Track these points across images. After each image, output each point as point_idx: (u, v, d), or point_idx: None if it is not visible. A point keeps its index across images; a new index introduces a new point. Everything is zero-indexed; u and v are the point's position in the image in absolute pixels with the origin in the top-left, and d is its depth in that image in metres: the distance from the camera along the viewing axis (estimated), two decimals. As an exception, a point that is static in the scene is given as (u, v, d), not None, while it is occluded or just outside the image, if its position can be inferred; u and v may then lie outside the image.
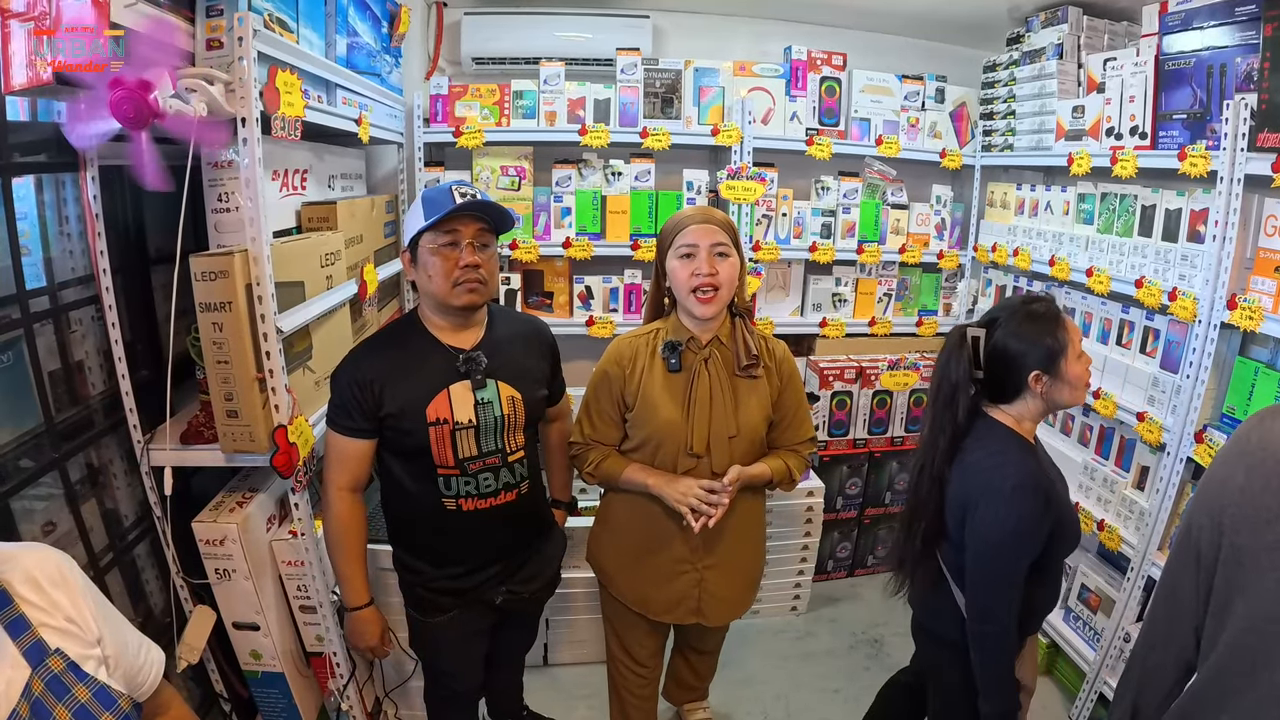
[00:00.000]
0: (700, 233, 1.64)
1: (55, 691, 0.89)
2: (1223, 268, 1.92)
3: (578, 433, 1.83)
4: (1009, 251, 2.84)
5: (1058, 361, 1.48)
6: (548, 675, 2.61)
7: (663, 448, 1.71)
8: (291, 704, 2.00)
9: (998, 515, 1.43)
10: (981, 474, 1.48)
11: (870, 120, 2.98)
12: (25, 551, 0.96)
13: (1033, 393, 1.50)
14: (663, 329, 1.76)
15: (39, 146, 1.52)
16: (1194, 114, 2.03)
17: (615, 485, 1.79)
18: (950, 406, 1.52)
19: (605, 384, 1.76)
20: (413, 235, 1.57)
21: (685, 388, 1.70)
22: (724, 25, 3.07)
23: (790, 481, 1.81)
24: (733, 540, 1.79)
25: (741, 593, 1.89)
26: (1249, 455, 1.01)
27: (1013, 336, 1.49)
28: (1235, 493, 1.00)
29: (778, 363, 1.78)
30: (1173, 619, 1.10)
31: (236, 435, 1.65)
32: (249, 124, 1.50)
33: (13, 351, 1.46)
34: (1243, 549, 0.98)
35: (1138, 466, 2.28)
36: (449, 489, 1.63)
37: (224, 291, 1.54)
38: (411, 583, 1.75)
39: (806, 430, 1.83)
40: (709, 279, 1.62)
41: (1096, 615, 2.39)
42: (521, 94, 2.74)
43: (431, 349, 1.62)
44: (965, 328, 1.54)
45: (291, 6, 1.77)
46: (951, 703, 1.67)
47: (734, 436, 1.70)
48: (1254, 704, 0.95)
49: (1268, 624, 0.94)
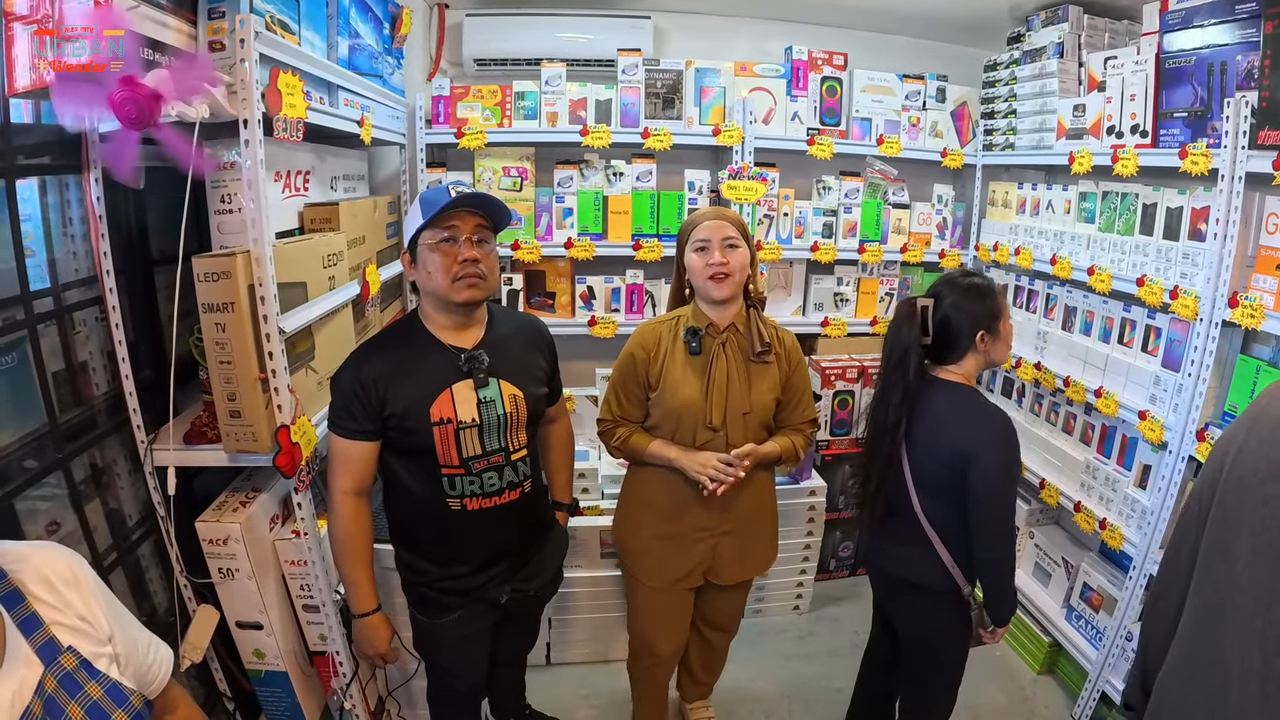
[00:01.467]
0: (712, 229, 1.82)
1: (68, 689, 0.90)
2: (1224, 266, 1.91)
3: (605, 411, 1.98)
4: (1010, 250, 2.84)
5: (997, 322, 1.74)
6: (550, 674, 2.61)
7: (683, 423, 1.86)
8: (295, 703, 2.01)
9: (999, 452, 1.64)
10: (971, 425, 1.68)
11: (871, 120, 2.98)
12: (37, 551, 0.97)
13: (977, 350, 1.75)
14: (684, 316, 1.91)
15: (43, 149, 1.53)
16: (1195, 112, 2.03)
17: (640, 459, 1.94)
18: (901, 367, 1.75)
19: (631, 366, 1.90)
20: (411, 235, 1.58)
21: (705, 369, 1.86)
22: (725, 25, 3.07)
23: (796, 458, 1.98)
24: (748, 511, 1.95)
25: (757, 556, 2.04)
26: (1253, 418, 1.01)
27: (962, 303, 1.74)
28: (1234, 450, 1.00)
29: (787, 350, 1.94)
30: (1177, 573, 1.10)
31: (239, 435, 1.65)
32: (251, 126, 1.50)
33: (17, 352, 1.47)
34: (1229, 508, 0.98)
35: (1140, 465, 2.27)
36: (453, 489, 1.63)
37: (226, 292, 1.55)
38: (416, 583, 1.74)
39: (810, 411, 2.00)
40: (720, 268, 1.79)
41: (1098, 614, 2.39)
42: (523, 95, 2.74)
43: (433, 348, 1.62)
44: (915, 299, 1.79)
45: (293, 9, 1.77)
46: (939, 645, 1.84)
47: (748, 413, 1.87)
48: (1217, 671, 0.95)
49: (1234, 591, 0.94)
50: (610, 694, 2.54)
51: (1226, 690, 0.93)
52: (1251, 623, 0.91)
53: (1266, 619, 0.90)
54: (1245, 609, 0.92)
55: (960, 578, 1.75)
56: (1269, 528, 0.91)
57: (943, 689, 1.89)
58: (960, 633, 1.81)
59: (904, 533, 1.79)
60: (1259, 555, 0.92)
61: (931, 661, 1.87)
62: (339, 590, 1.92)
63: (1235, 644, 0.93)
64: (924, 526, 1.75)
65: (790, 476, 2.90)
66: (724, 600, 2.12)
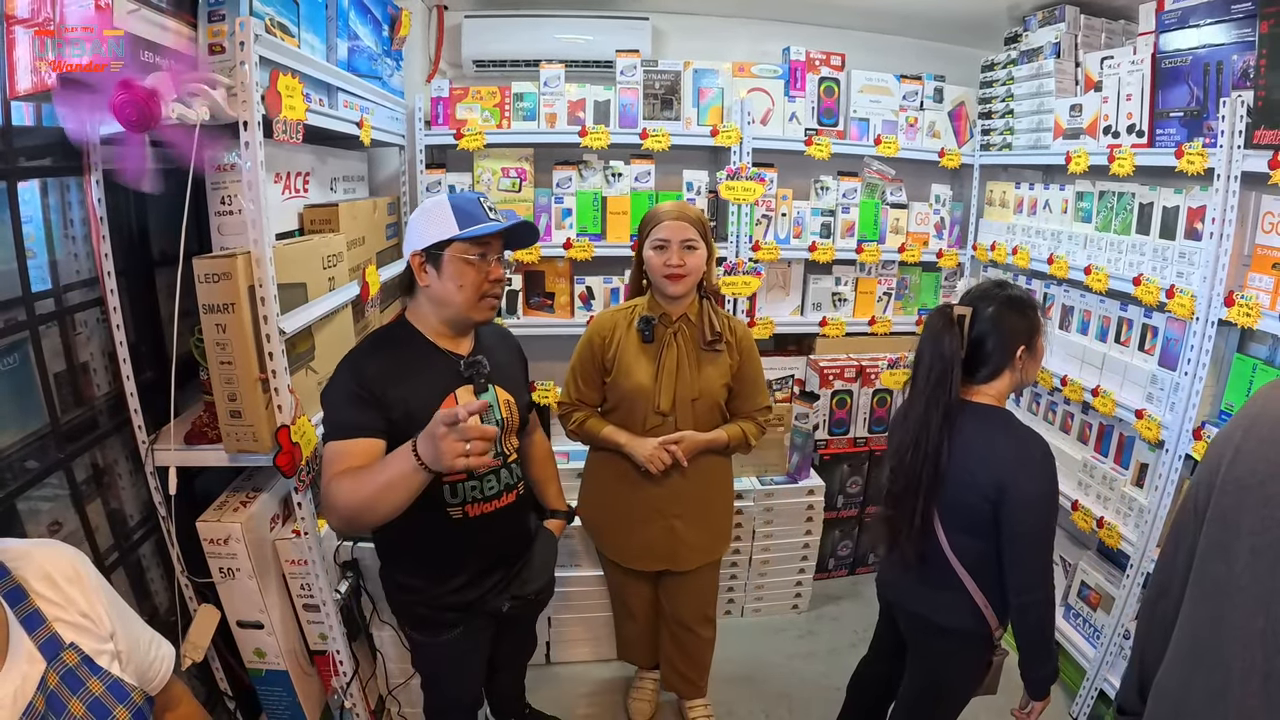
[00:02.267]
0: (672, 229, 1.89)
1: (70, 685, 0.91)
2: (1220, 265, 1.92)
3: (565, 395, 2.11)
4: (1008, 250, 2.84)
5: (1037, 338, 1.62)
6: (550, 673, 2.62)
7: (635, 407, 1.99)
8: (295, 702, 2.01)
9: (1037, 484, 1.51)
10: (1008, 455, 1.53)
11: (869, 120, 2.99)
12: (40, 548, 0.98)
13: (1014, 368, 1.61)
14: (640, 305, 2.02)
15: (44, 151, 1.54)
16: (1191, 111, 2.04)
17: (594, 442, 2.08)
18: (943, 384, 1.57)
19: (589, 350, 2.03)
20: (438, 241, 1.51)
21: (656, 357, 1.97)
22: (723, 26, 3.08)
23: (746, 445, 2.07)
24: (698, 495, 2.06)
25: (710, 541, 2.14)
26: (1250, 417, 1.01)
27: (1002, 315, 1.59)
28: (1232, 451, 1.00)
29: (738, 339, 2.03)
30: (1174, 576, 1.10)
31: (240, 435, 1.66)
32: (251, 128, 1.51)
33: (19, 353, 1.48)
34: (1227, 509, 0.97)
35: (1137, 464, 2.28)
36: (454, 495, 1.61)
37: (227, 293, 1.56)
38: (411, 602, 1.70)
39: (763, 399, 2.10)
40: (677, 269, 1.89)
41: (1096, 612, 2.40)
42: (522, 96, 2.75)
43: (432, 353, 1.59)
44: (950, 307, 1.61)
45: (293, 11, 1.78)
46: (954, 687, 1.73)
47: (696, 399, 1.98)
48: (1217, 672, 0.95)
49: (1234, 591, 0.94)
50: (610, 693, 2.55)
51: (1227, 690, 0.93)
52: (1253, 622, 0.91)
53: (1268, 618, 0.90)
54: (1246, 609, 0.92)
55: (993, 619, 1.62)
56: (1269, 528, 0.92)
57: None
58: (978, 677, 1.70)
59: (931, 574, 1.65)
60: (1259, 555, 0.92)
61: (937, 699, 1.78)
62: (339, 591, 1.93)
63: (1236, 644, 0.92)
64: (953, 566, 1.61)
65: (788, 475, 2.91)
66: (687, 591, 2.15)
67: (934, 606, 1.68)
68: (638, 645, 2.40)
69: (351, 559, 2.02)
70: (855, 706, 2.11)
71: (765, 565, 2.94)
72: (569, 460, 2.76)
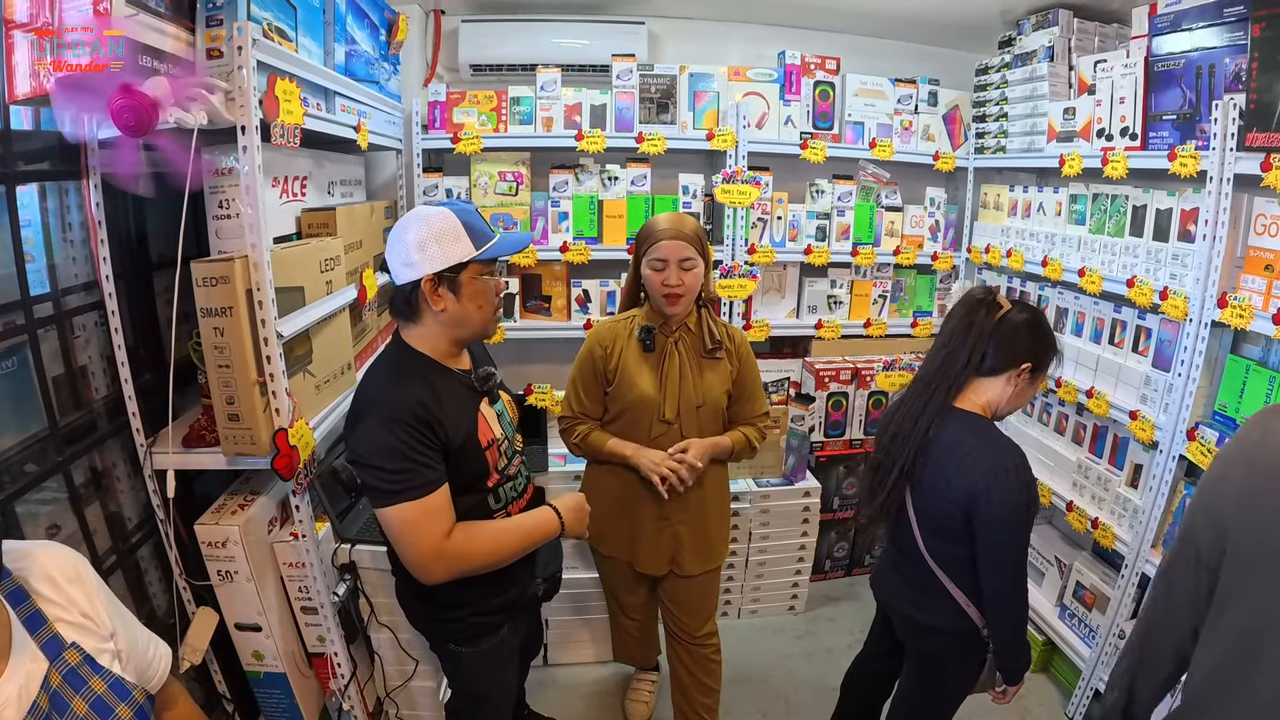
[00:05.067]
0: (670, 249, 1.87)
1: (72, 684, 0.92)
2: (1213, 266, 1.94)
3: (566, 408, 2.08)
4: (1002, 252, 2.86)
5: (1043, 370, 1.63)
6: (548, 675, 2.63)
7: (639, 416, 1.98)
8: (293, 704, 2.02)
9: (1007, 496, 1.49)
10: (982, 463, 1.52)
11: (864, 123, 3.00)
12: (41, 550, 0.99)
13: (1010, 380, 1.60)
14: (638, 315, 2.02)
15: (43, 155, 1.55)
16: (1183, 114, 2.05)
17: (598, 456, 2.04)
18: (962, 353, 1.59)
19: (589, 363, 2.01)
20: (460, 262, 1.44)
21: (658, 365, 1.97)
22: (718, 31, 3.10)
23: (750, 450, 2.08)
24: (701, 502, 2.05)
25: (713, 545, 2.12)
26: (1248, 454, 1.00)
27: (1030, 325, 1.59)
28: (1234, 493, 0.99)
29: (736, 347, 2.04)
30: (1170, 617, 1.11)
31: (238, 438, 1.66)
32: (249, 132, 1.51)
33: (17, 357, 1.48)
34: (1246, 553, 0.97)
35: (1131, 465, 2.30)
36: (497, 500, 1.60)
37: (225, 297, 1.56)
38: (458, 617, 1.61)
39: (762, 405, 2.10)
40: (676, 289, 1.88)
41: (1092, 612, 2.41)
42: (519, 100, 2.76)
43: (448, 376, 1.54)
44: (994, 290, 1.63)
45: (290, 16, 1.79)
46: (949, 685, 1.75)
47: (700, 406, 1.98)
48: (1249, 709, 0.95)
49: (1268, 626, 0.94)
50: (609, 694, 2.56)
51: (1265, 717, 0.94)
52: None
53: None
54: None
55: (979, 617, 1.64)
56: None
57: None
58: (973, 674, 1.72)
59: (914, 575, 1.70)
60: None
61: (932, 698, 1.79)
62: (337, 593, 1.93)
63: (1276, 673, 0.93)
64: (932, 569, 1.65)
65: (785, 478, 2.92)
66: (690, 595, 2.12)
67: (919, 607, 1.72)
68: (634, 646, 2.40)
69: (349, 561, 2.02)
70: (849, 704, 2.12)
71: (762, 567, 2.95)
72: (565, 463, 2.77)
